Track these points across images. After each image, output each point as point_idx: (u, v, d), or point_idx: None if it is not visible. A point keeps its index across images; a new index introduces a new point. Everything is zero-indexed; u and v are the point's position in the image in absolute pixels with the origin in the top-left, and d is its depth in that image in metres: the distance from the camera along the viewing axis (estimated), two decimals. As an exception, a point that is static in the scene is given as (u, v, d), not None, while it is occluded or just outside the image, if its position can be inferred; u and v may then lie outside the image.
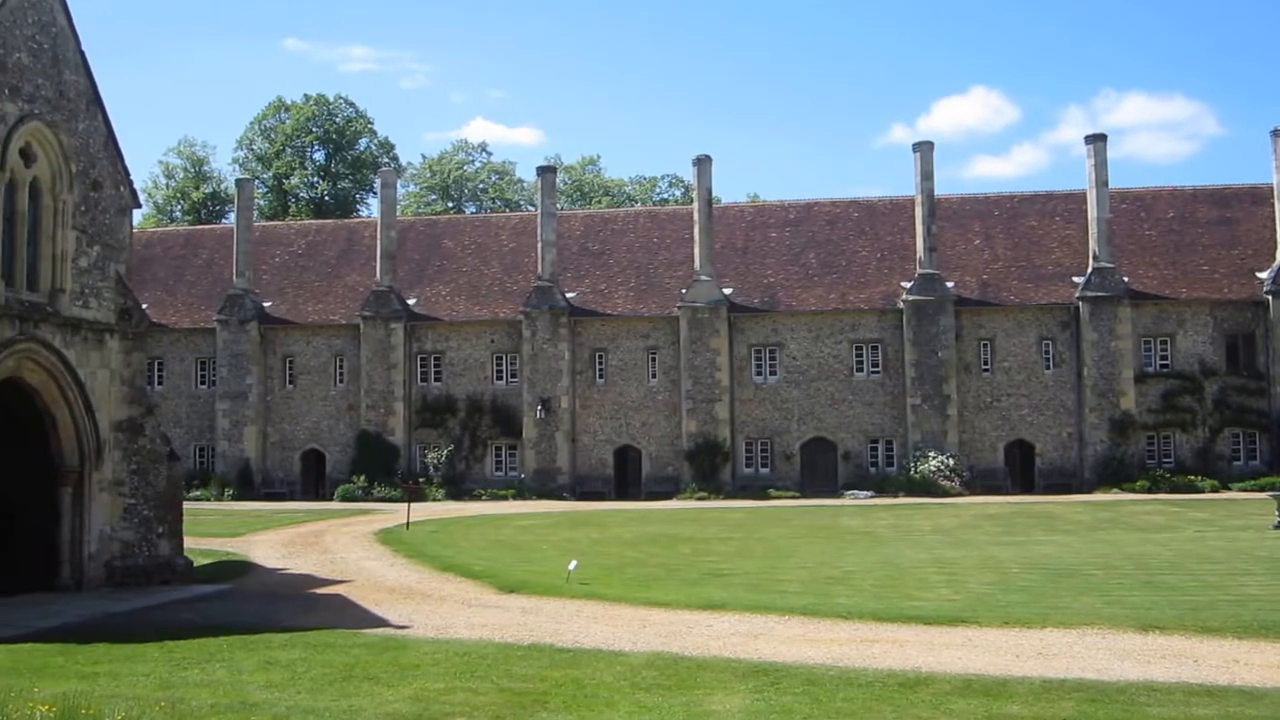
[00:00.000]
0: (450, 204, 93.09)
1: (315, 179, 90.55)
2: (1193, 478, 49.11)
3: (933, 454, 50.73)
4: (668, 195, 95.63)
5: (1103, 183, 52.31)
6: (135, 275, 44.30)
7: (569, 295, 55.18)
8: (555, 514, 43.39)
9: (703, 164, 55.04)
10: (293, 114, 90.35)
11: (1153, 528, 33.72)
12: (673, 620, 18.60)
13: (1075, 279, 52.57)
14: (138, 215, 30.72)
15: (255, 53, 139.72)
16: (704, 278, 53.57)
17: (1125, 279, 52.01)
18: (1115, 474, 49.82)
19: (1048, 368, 52.47)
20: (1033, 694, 12.94)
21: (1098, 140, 53.34)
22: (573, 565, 23.61)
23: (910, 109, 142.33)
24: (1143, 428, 51.20)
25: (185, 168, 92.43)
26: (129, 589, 23.17)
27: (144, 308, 26.23)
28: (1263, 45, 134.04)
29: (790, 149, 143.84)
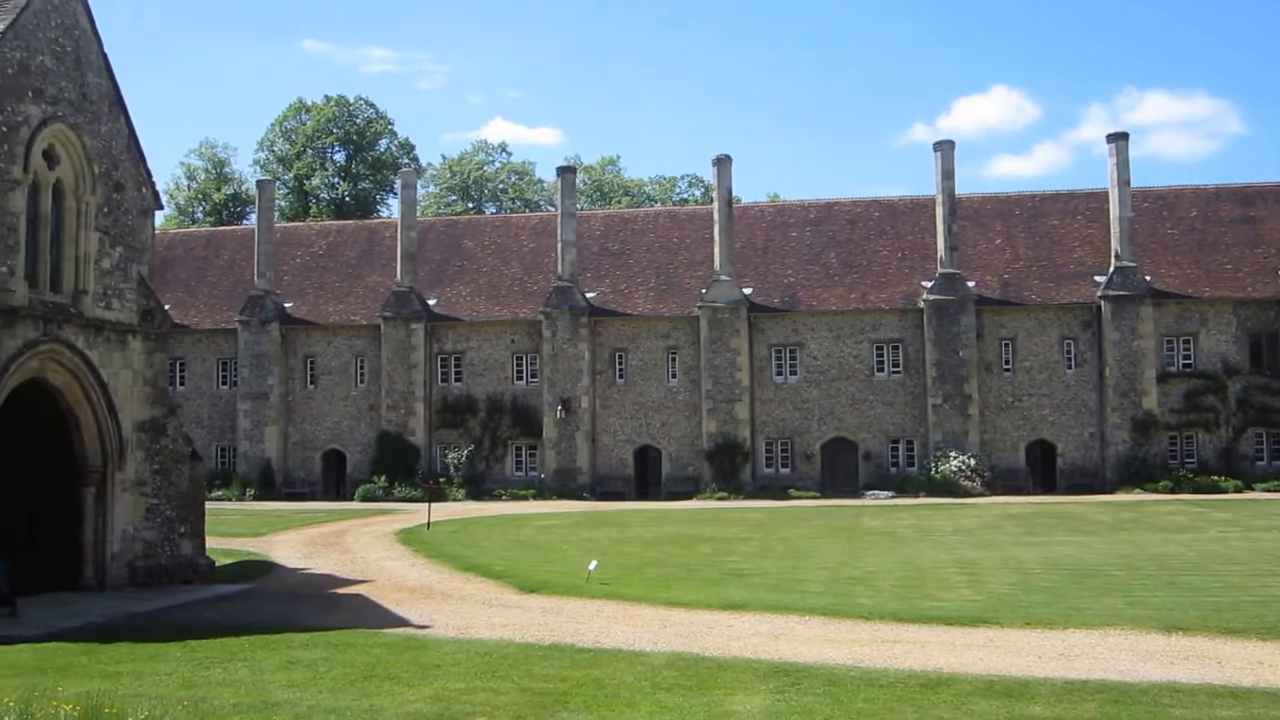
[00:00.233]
0: (470, 204, 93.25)
1: (336, 180, 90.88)
2: (1216, 478, 48.81)
3: (954, 454, 50.59)
4: (687, 195, 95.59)
5: (1125, 182, 52.07)
6: (157, 276, 44.54)
7: (589, 295, 55.21)
8: (575, 514, 43.43)
9: (722, 164, 55.00)
10: (313, 115, 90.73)
11: (1175, 528, 33.55)
12: (693, 620, 18.59)
13: (1097, 278, 52.35)
14: (159, 217, 30.86)
15: (275, 54, 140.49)
16: (724, 278, 53.54)
17: (1147, 278, 51.76)
18: (1137, 474, 49.57)
19: (1069, 367, 52.25)
20: (1055, 695, 12.89)
21: (1119, 139, 53.07)
22: (593, 565, 23.60)
23: (931, 108, 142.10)
24: (1165, 428, 50.95)
25: (206, 169, 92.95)
26: (151, 589, 23.28)
27: (166, 308, 26.31)
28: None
29: (810, 148, 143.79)
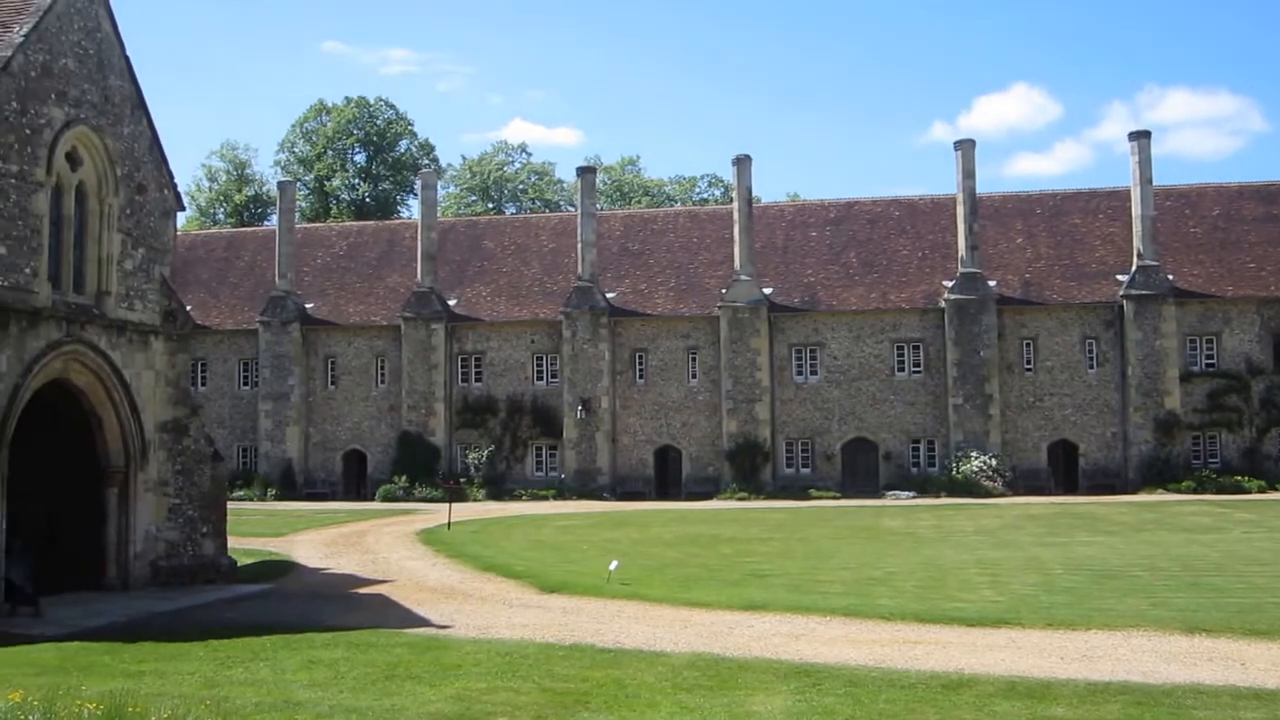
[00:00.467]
0: (490, 205, 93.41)
1: (356, 181, 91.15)
2: (1239, 478, 48.47)
3: (975, 454, 50.40)
4: (707, 195, 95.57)
5: (1147, 180, 51.78)
6: (179, 277, 44.77)
7: (609, 295, 55.22)
8: (596, 514, 43.45)
9: (742, 163, 54.95)
10: (333, 116, 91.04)
11: (1199, 529, 33.37)
12: (714, 621, 18.57)
13: (1119, 277, 52.08)
14: (181, 218, 30.95)
15: (295, 56, 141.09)
16: (744, 277, 53.48)
17: (1170, 277, 51.47)
18: (1160, 474, 49.30)
19: (1091, 367, 52.00)
20: (1077, 696, 12.83)
21: (1141, 137, 52.78)
22: (614, 565, 23.58)
23: (951, 106, 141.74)
24: (1188, 427, 50.64)
25: (227, 170, 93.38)
26: (174, 588, 23.36)
27: (187, 309, 26.44)
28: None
29: (830, 148, 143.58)
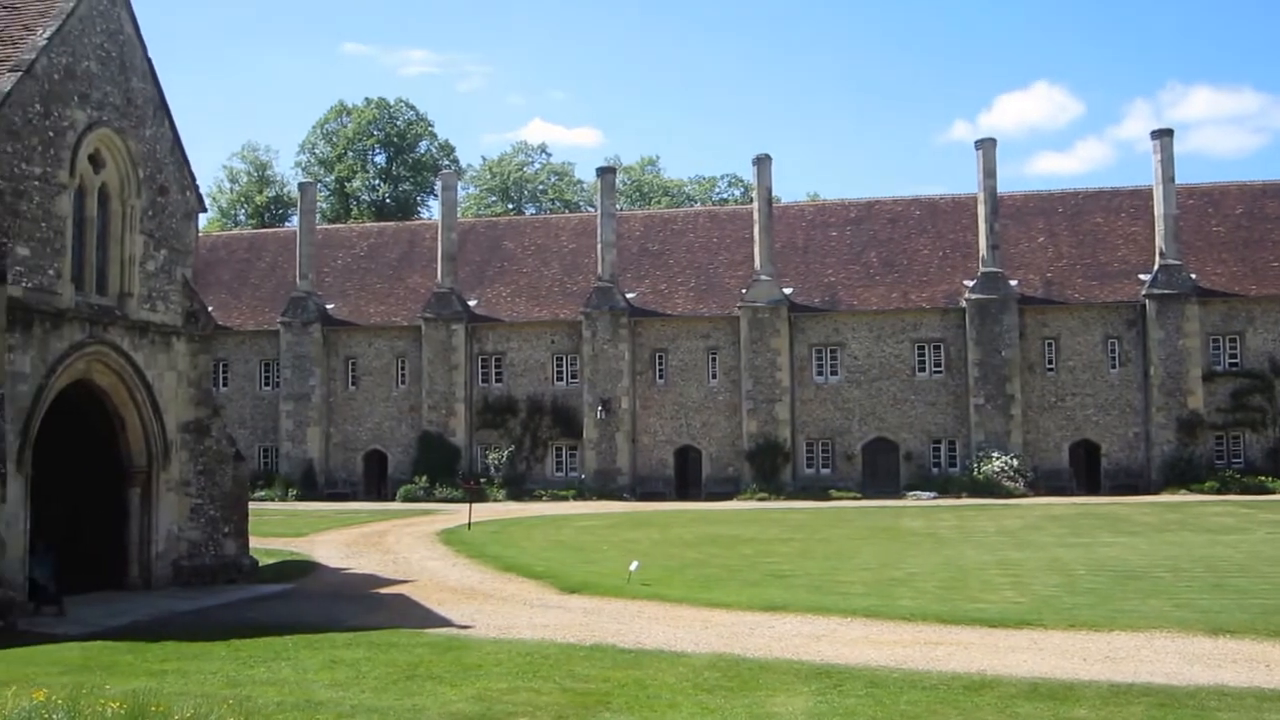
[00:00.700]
0: (510, 205, 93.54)
1: (376, 182, 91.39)
2: (1263, 478, 48.15)
3: (996, 454, 50.20)
4: (727, 195, 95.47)
5: (1169, 178, 51.50)
6: (200, 278, 44.97)
7: (629, 296, 55.21)
8: (616, 514, 43.45)
9: (762, 163, 54.88)
10: (354, 117, 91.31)
11: (1222, 529, 33.16)
12: (735, 621, 18.55)
13: (1141, 276, 51.80)
14: (202, 219, 31.12)
15: (316, 58, 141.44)
16: (764, 277, 53.40)
17: (1193, 276, 51.16)
18: (1183, 475, 49.02)
19: (1113, 367, 51.74)
20: (1100, 698, 12.77)
21: (1164, 135, 52.52)
22: (634, 566, 23.57)
23: (972, 105, 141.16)
24: (1211, 427, 50.33)
25: (249, 172, 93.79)
26: (196, 588, 23.49)
27: (209, 310, 26.56)
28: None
29: (850, 147, 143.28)
